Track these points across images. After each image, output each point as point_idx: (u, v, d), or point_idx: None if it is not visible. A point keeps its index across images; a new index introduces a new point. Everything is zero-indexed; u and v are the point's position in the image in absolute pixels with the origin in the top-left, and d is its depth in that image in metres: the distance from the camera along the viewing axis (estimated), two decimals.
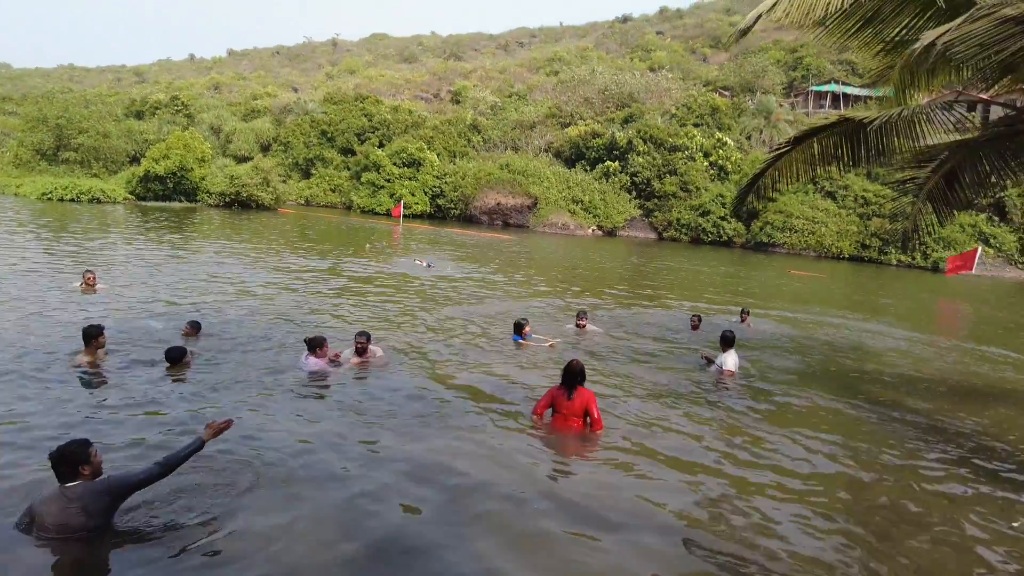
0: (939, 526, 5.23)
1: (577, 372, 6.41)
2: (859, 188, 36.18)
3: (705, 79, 55.04)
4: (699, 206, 38.06)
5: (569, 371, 6.43)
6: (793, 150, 8.15)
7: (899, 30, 7.25)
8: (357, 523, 4.54)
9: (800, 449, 6.54)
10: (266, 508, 4.61)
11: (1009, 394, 9.83)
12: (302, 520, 4.47)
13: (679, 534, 4.75)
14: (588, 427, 6.43)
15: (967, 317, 20.40)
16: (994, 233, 33.81)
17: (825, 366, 10.57)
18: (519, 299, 14.37)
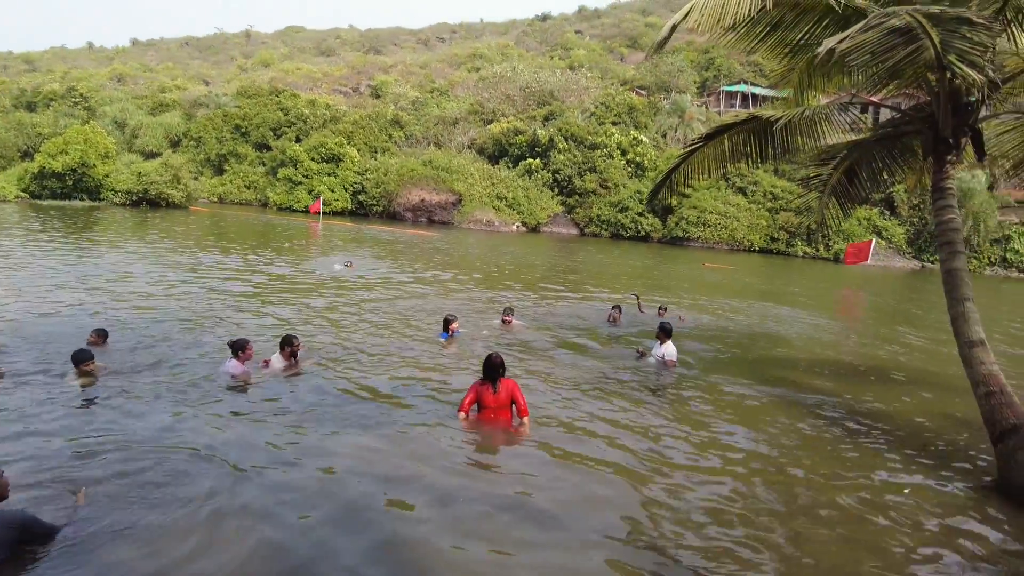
0: (846, 497, 5.67)
1: (499, 364, 6.51)
2: (768, 184, 38.06)
3: (622, 78, 56.50)
4: (618, 202, 39.06)
5: (491, 365, 6.50)
6: (705, 147, 8.53)
7: (801, 36, 7.69)
8: (277, 526, 4.49)
9: (727, 436, 6.91)
10: (188, 522, 4.50)
11: (901, 373, 10.67)
12: (217, 530, 4.38)
13: (609, 527, 4.91)
14: (516, 416, 6.55)
15: (864, 304, 21.89)
16: (886, 226, 36.37)
17: (743, 354, 11.13)
18: (445, 296, 14.38)
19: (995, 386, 6.40)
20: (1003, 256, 34.76)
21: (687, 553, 4.56)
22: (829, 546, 4.84)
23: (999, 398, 6.33)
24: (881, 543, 4.95)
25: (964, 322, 6.82)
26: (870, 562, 4.65)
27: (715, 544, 4.70)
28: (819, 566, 4.56)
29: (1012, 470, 5.87)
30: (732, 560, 4.51)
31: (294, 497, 4.85)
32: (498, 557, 4.34)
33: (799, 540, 4.88)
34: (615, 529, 4.82)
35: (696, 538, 4.77)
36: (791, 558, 4.63)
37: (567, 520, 4.85)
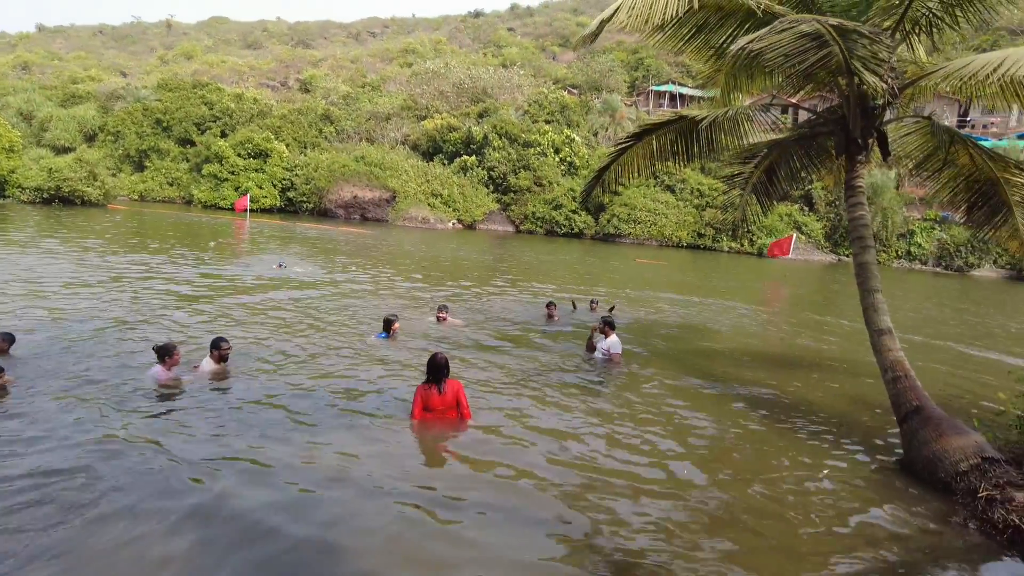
0: (771, 479, 5.97)
1: (444, 364, 6.48)
2: (695, 182, 39.29)
3: (555, 77, 57.10)
4: (552, 200, 39.49)
5: (436, 365, 6.46)
6: (634, 146, 8.76)
7: (725, 38, 7.96)
8: (206, 533, 4.39)
9: (667, 426, 7.16)
10: (113, 531, 4.33)
11: (821, 361, 11.25)
12: (144, 541, 4.24)
13: (554, 522, 5.01)
14: (460, 417, 6.55)
15: (787, 296, 22.92)
16: (805, 221, 38.16)
17: (675, 346, 11.48)
18: (381, 295, 14.22)
19: (901, 371, 6.86)
20: (908, 250, 37.03)
21: (621, 552, 4.70)
22: (756, 528, 5.10)
23: (904, 382, 6.79)
24: (801, 522, 5.24)
25: (874, 312, 7.27)
26: (791, 542, 4.93)
27: (650, 537, 4.87)
28: (745, 550, 4.80)
29: (914, 449, 6.30)
30: (664, 550, 4.69)
31: (220, 505, 4.72)
32: (437, 552, 4.37)
33: (725, 527, 5.12)
34: (554, 524, 4.92)
35: (634, 535, 4.92)
36: (717, 546, 4.84)
37: (507, 517, 4.93)
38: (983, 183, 8.04)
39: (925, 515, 5.51)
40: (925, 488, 5.97)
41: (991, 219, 8.16)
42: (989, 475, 5.62)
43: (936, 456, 6.05)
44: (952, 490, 5.76)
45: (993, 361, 12.32)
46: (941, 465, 5.98)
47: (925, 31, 7.24)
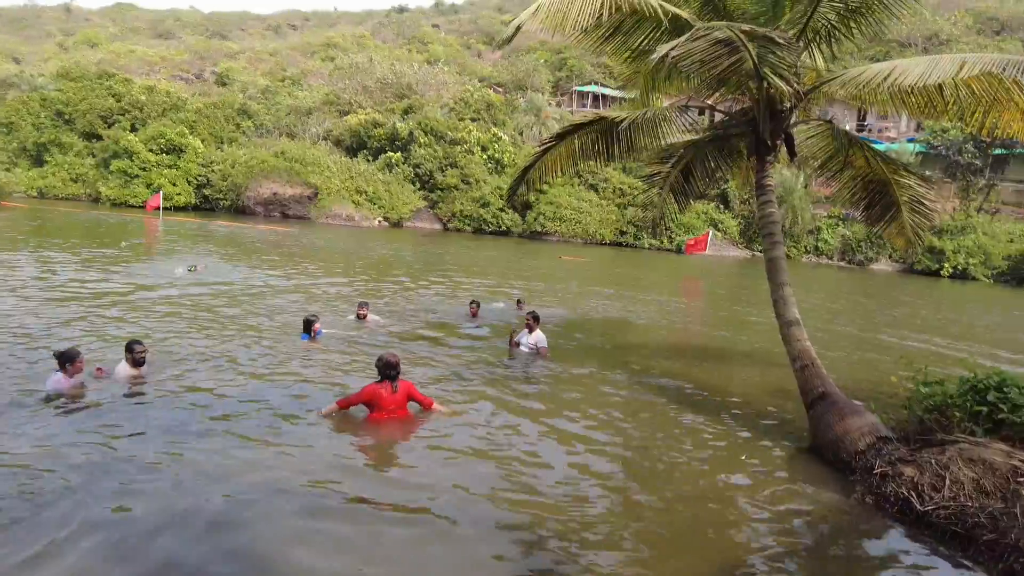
0: (691, 466, 6.25)
1: (396, 363, 6.54)
2: (617, 181, 40.23)
3: (480, 75, 57.14)
4: (479, 198, 39.54)
5: (390, 364, 6.50)
6: (557, 145, 8.92)
7: (641, 41, 8.19)
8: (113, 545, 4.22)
9: (592, 417, 7.35)
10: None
11: (737, 352, 11.81)
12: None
13: (485, 521, 5.06)
14: (420, 410, 6.70)
15: (705, 290, 23.85)
16: (721, 219, 39.78)
17: (600, 341, 11.78)
18: (302, 295, 13.89)
19: (807, 359, 7.30)
20: (815, 245, 39.24)
21: (541, 544, 4.82)
22: (675, 512, 5.34)
23: (811, 370, 7.24)
24: (720, 505, 5.53)
25: (783, 304, 7.71)
26: (710, 524, 5.20)
27: (574, 524, 5.01)
28: (672, 536, 5.02)
29: (820, 432, 6.74)
30: (586, 536, 4.84)
31: (130, 515, 4.53)
32: (368, 553, 4.36)
33: (646, 512, 5.34)
34: (488, 522, 4.98)
35: (556, 526, 5.04)
36: (645, 532, 5.05)
37: (439, 516, 4.96)
38: (877, 183, 8.66)
39: (830, 493, 5.91)
40: (830, 468, 6.40)
41: (883, 216, 8.81)
42: (883, 453, 6.07)
43: (839, 438, 6.49)
44: (853, 468, 6.19)
45: (888, 347, 13.24)
46: (843, 446, 6.41)
47: (825, 41, 7.71)
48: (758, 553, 4.84)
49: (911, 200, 8.61)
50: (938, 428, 6.32)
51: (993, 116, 6.98)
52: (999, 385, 6.12)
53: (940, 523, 5.20)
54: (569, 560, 4.44)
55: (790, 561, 4.76)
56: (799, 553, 4.92)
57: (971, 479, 5.33)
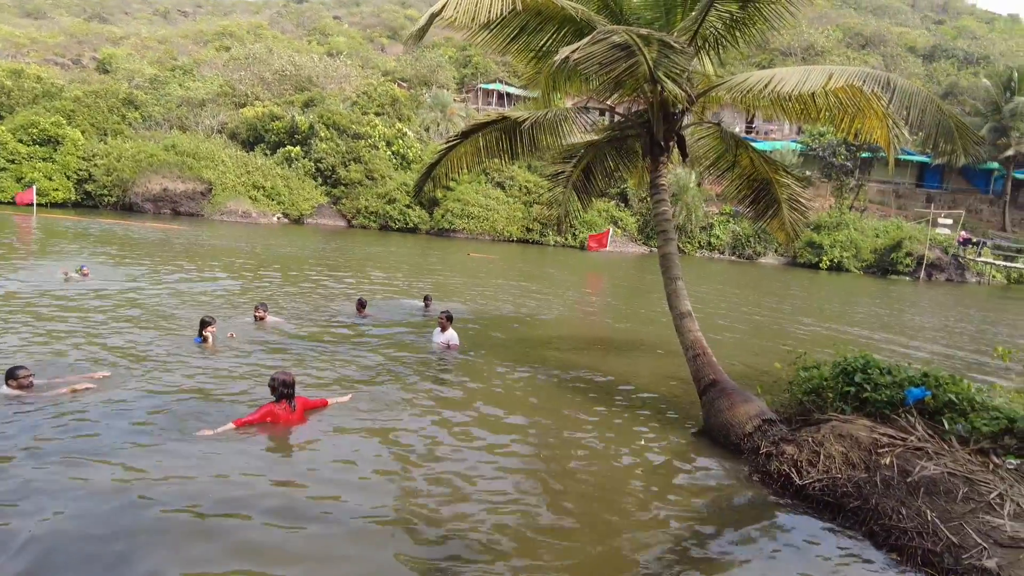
0: (595, 453, 6.50)
1: (291, 382, 6.43)
2: (523, 179, 40.77)
3: (384, 69, 56.19)
4: (385, 194, 38.95)
5: (285, 383, 6.38)
6: (462, 143, 9.00)
7: (544, 42, 8.38)
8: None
9: (504, 417, 7.46)
10: None
11: (638, 343, 12.31)
12: None
13: (392, 518, 5.07)
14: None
15: (607, 285, 24.61)
16: (621, 216, 41.17)
17: (509, 336, 11.93)
18: (195, 295, 13.25)
19: (699, 349, 7.75)
20: (708, 241, 41.36)
21: (459, 540, 4.89)
22: (584, 499, 5.56)
23: (703, 359, 7.68)
24: (620, 489, 5.80)
25: (676, 297, 8.14)
26: (611, 509, 5.44)
27: (489, 525, 5.11)
28: (576, 520, 5.21)
29: (712, 416, 7.18)
30: (505, 533, 4.95)
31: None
32: (267, 558, 4.27)
33: (556, 503, 5.52)
34: (395, 520, 4.99)
35: (474, 523, 5.13)
36: (551, 519, 5.22)
37: (345, 516, 4.92)
38: (760, 182, 9.28)
39: (721, 473, 6.33)
40: (722, 450, 6.84)
41: (766, 213, 9.46)
42: (768, 434, 6.56)
43: (728, 422, 6.94)
44: (741, 450, 6.64)
45: (775, 335, 14.21)
46: (732, 429, 6.87)
47: (713, 48, 8.18)
48: (657, 532, 5.13)
49: (790, 198, 9.30)
50: (815, 409, 6.90)
51: (858, 123, 7.68)
52: (864, 367, 6.75)
53: (816, 495, 5.69)
54: (477, 553, 4.53)
55: (686, 537, 5.08)
56: (694, 529, 5.24)
57: (841, 453, 5.85)
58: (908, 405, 6.37)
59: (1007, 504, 4.98)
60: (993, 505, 4.99)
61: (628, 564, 4.65)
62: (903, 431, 6.07)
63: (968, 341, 16.08)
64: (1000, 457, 5.71)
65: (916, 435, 5.97)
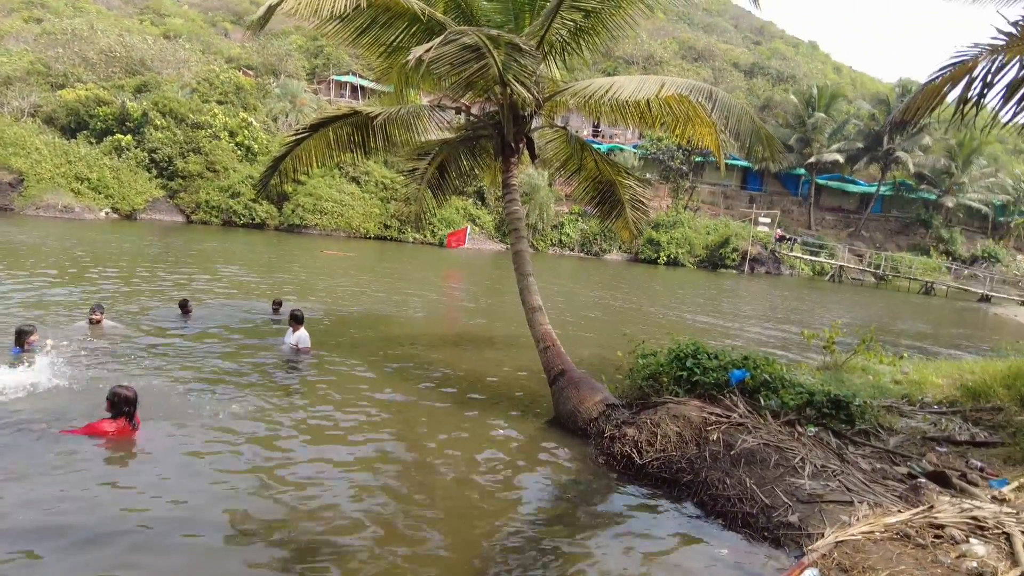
0: (450, 449, 6.60)
1: (133, 398, 5.86)
2: (379, 174, 40.05)
3: (227, 55, 52.70)
4: (229, 187, 36.62)
5: (126, 400, 5.81)
6: (311, 137, 8.74)
7: (395, 38, 8.29)
8: None
9: (356, 413, 7.36)
10: None
11: (495, 338, 12.60)
12: None
13: (240, 529, 4.87)
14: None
15: (464, 282, 24.88)
16: (479, 214, 41.74)
17: (364, 335, 11.72)
18: (9, 300, 11.75)
19: (549, 341, 8.12)
20: (559, 239, 43.10)
21: (313, 543, 4.80)
22: (439, 492, 5.64)
23: (552, 351, 8.06)
24: (478, 479, 5.95)
25: (527, 293, 8.46)
26: (467, 502, 5.58)
27: (344, 529, 5.04)
28: (433, 515, 5.28)
29: (561, 405, 7.56)
30: (361, 534, 4.91)
31: None
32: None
33: (411, 500, 5.56)
34: (242, 531, 4.79)
35: (328, 528, 5.04)
36: (407, 516, 5.25)
37: (193, 528, 4.65)
38: (605, 184, 9.87)
39: (570, 458, 6.69)
40: (571, 436, 7.22)
41: (611, 213, 10.08)
42: (611, 418, 7.02)
43: (576, 409, 7.34)
44: (588, 434, 7.06)
45: (619, 325, 15.12)
46: (580, 416, 7.27)
47: (559, 54, 8.57)
48: (509, 518, 5.35)
49: (632, 199, 9.97)
50: (653, 393, 7.47)
51: (689, 129, 8.40)
52: (694, 353, 7.42)
53: (654, 472, 6.19)
54: (331, 555, 4.48)
55: (536, 522, 5.34)
56: (544, 514, 5.53)
57: (675, 432, 6.41)
58: (732, 386, 7.09)
59: (807, 466, 5.72)
60: (797, 468, 5.72)
61: (482, 552, 4.81)
62: (728, 409, 6.76)
63: (784, 324, 18.08)
64: (803, 426, 6.54)
65: (738, 412, 6.68)
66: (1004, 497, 5.30)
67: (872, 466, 6.09)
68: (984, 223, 49.55)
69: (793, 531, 4.96)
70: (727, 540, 5.11)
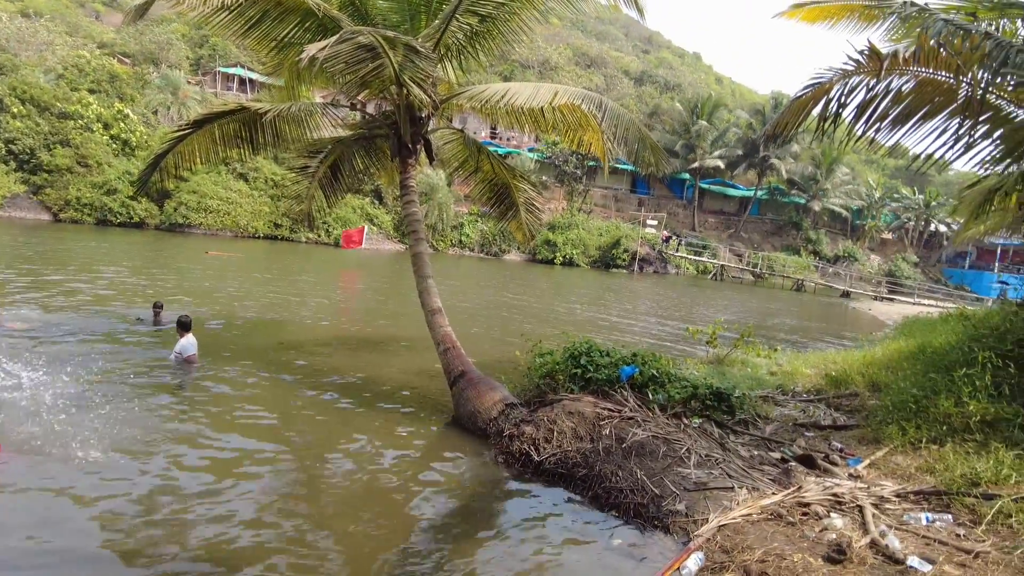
0: (349, 455, 6.49)
1: None
2: (269, 171, 38.46)
3: (100, 40, 48.83)
4: (103, 183, 33.99)
5: None
6: (195, 133, 8.31)
7: (287, 33, 8.03)
8: None
9: (247, 422, 7.08)
10: None
11: (393, 341, 12.45)
12: None
13: (127, 554, 4.57)
14: None
15: (362, 283, 24.40)
16: (376, 214, 41.06)
17: (254, 341, 11.23)
18: None
19: (449, 343, 8.15)
20: (460, 239, 43.17)
21: (207, 563, 4.59)
22: (338, 500, 5.53)
23: (452, 352, 8.09)
24: (380, 483, 5.89)
25: (427, 295, 8.45)
26: (370, 505, 5.52)
27: (232, 542, 4.85)
28: (329, 524, 5.17)
29: (461, 406, 7.62)
30: (262, 548, 4.74)
31: None
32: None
33: (311, 509, 5.43)
34: (127, 554, 4.50)
35: (218, 544, 4.82)
36: (307, 526, 5.12)
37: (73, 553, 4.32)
38: (501, 186, 10.02)
39: (470, 458, 6.75)
40: (471, 437, 7.29)
41: (507, 214, 10.25)
42: (510, 417, 7.14)
43: (476, 409, 7.42)
44: (488, 434, 7.15)
45: (519, 324, 15.37)
46: (479, 416, 7.35)
47: (456, 57, 8.62)
48: (410, 522, 5.34)
49: (526, 202, 10.18)
50: (550, 390, 7.69)
51: (580, 135, 8.68)
52: (588, 351, 7.71)
53: (551, 468, 6.35)
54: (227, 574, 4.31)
55: (437, 525, 5.37)
56: (445, 516, 5.56)
57: (571, 428, 6.62)
58: (623, 381, 7.42)
59: (693, 456, 6.09)
60: (683, 459, 6.08)
61: (378, 555, 4.78)
62: (619, 404, 7.07)
63: (672, 320, 19.02)
64: (689, 418, 6.95)
65: (629, 407, 6.99)
66: (858, 474, 5.88)
67: (751, 453, 6.56)
68: (845, 226, 54.31)
69: (681, 518, 5.26)
70: (621, 531, 5.34)
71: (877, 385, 8.48)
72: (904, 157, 6.88)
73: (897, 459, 6.13)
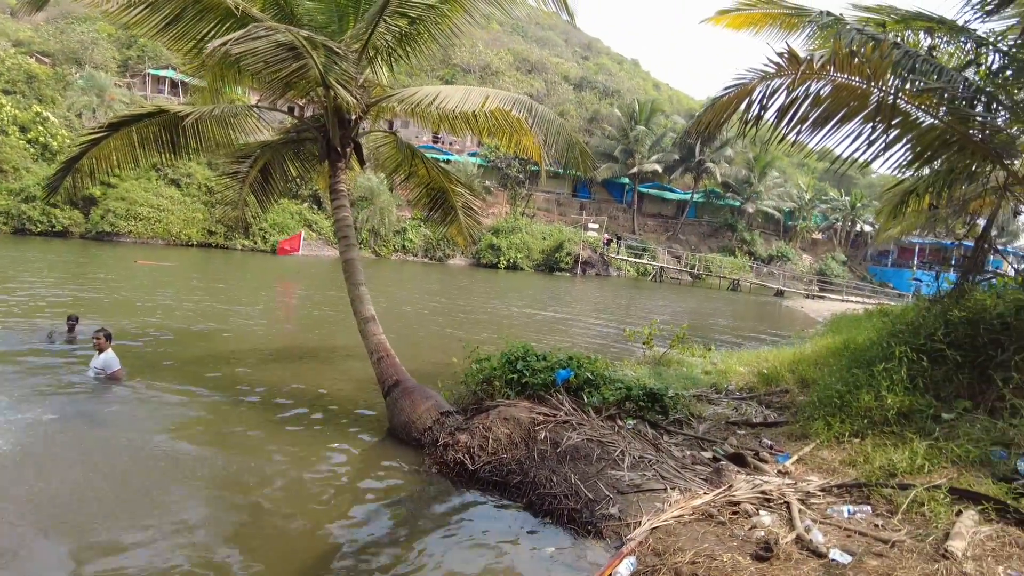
0: (279, 471, 6.24)
1: None
2: (202, 176, 37.16)
3: (16, 38, 46.29)
4: (20, 191, 32.17)
5: None
6: (111, 136, 7.90)
7: (207, 31, 7.70)
8: None
9: (182, 440, 6.74)
10: None
11: (330, 351, 12.13)
12: None
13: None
14: None
15: (299, 291, 23.79)
16: (315, 219, 40.16)
17: (182, 354, 10.73)
18: None
19: (383, 352, 7.97)
20: (403, 244, 42.67)
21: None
22: (271, 517, 5.30)
23: (386, 361, 7.92)
24: (313, 495, 5.69)
25: (360, 303, 8.26)
26: (303, 521, 5.31)
27: (162, 565, 4.59)
28: (261, 542, 4.95)
29: (395, 415, 7.46)
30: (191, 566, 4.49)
31: None
32: None
33: (244, 523, 5.19)
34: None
35: (152, 556, 4.55)
36: (240, 540, 4.88)
37: None
38: (438, 190, 9.90)
39: (404, 470, 6.60)
40: (406, 448, 7.13)
41: (446, 219, 10.13)
42: (445, 426, 7.02)
43: (410, 419, 7.27)
44: (423, 444, 7.01)
45: (458, 329, 15.25)
46: (414, 425, 7.21)
47: (386, 60, 8.45)
48: (344, 537, 5.17)
49: (464, 206, 10.09)
50: (486, 397, 7.60)
51: (516, 139, 8.65)
52: (524, 356, 7.66)
53: (487, 477, 6.27)
54: None
55: (371, 536, 5.20)
56: (378, 527, 5.41)
57: (506, 435, 6.55)
58: (559, 385, 7.40)
59: (626, 458, 6.11)
60: (617, 461, 6.08)
61: (310, 571, 4.60)
62: (554, 408, 7.04)
63: (612, 321, 19.23)
64: (623, 420, 6.98)
65: (564, 410, 6.97)
66: (787, 470, 6.01)
67: (684, 453, 6.63)
68: (778, 227, 56.24)
69: (614, 522, 5.25)
70: (554, 538, 5.29)
71: (806, 381, 8.73)
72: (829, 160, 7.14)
73: (823, 454, 6.29)
